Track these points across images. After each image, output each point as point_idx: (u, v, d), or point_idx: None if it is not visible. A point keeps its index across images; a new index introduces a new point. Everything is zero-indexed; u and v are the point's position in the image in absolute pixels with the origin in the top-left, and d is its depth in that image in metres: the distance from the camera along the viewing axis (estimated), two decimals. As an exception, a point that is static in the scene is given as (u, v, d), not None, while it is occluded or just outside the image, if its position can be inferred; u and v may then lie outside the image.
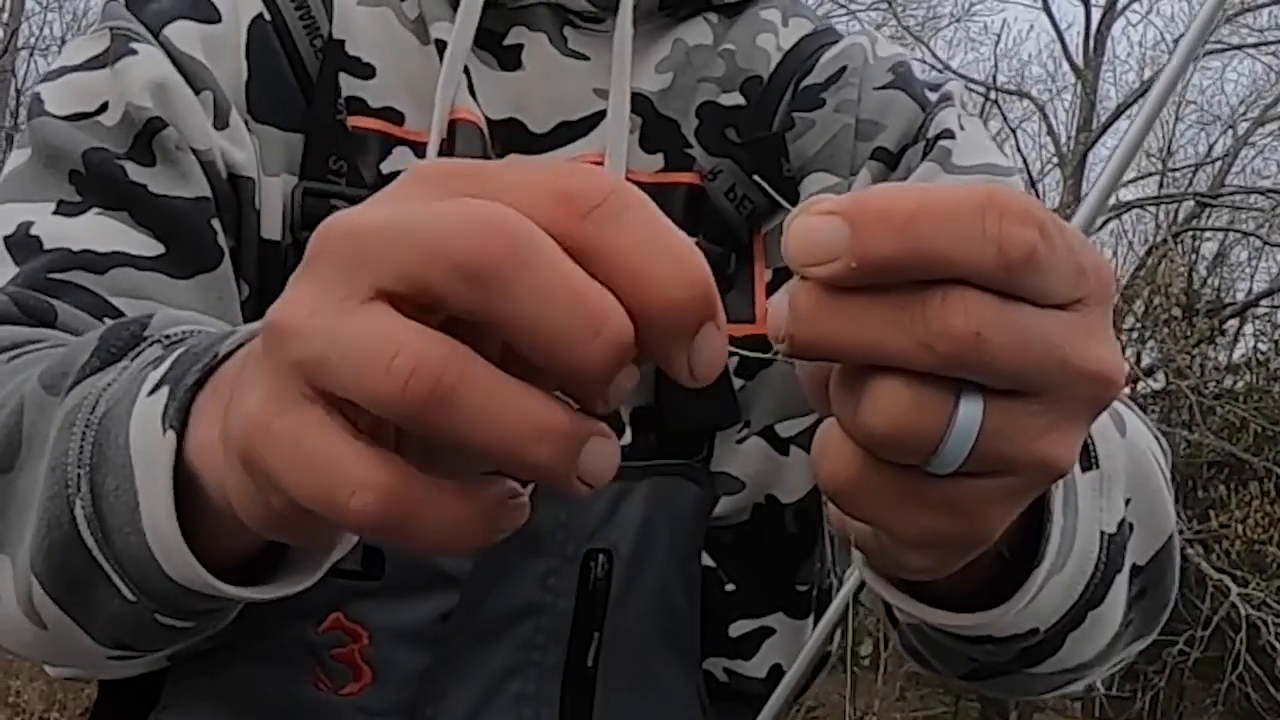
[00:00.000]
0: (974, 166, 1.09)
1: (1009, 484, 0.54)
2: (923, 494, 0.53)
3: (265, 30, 1.08)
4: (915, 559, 0.58)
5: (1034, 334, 0.50)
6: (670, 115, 1.13)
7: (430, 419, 0.47)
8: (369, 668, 1.02)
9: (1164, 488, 0.90)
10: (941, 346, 0.49)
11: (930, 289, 0.49)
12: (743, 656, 1.14)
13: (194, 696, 1.05)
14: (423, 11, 1.12)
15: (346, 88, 1.08)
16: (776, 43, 1.18)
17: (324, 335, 0.48)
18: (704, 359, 0.49)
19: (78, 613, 0.77)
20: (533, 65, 1.12)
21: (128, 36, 1.05)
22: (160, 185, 1.01)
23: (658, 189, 1.11)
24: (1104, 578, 0.81)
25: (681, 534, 1.09)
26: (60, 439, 0.74)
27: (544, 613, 1.04)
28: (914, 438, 0.51)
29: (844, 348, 0.50)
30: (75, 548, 0.73)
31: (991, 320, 0.49)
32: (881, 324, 0.50)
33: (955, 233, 0.48)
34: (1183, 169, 15.36)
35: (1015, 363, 0.50)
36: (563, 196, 0.47)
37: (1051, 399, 0.52)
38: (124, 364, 0.76)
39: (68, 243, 0.97)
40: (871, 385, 0.51)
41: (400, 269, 0.47)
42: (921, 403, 0.50)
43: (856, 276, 0.49)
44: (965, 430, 0.51)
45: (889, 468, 0.53)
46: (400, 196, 0.50)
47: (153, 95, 1.02)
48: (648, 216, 0.48)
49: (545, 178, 0.48)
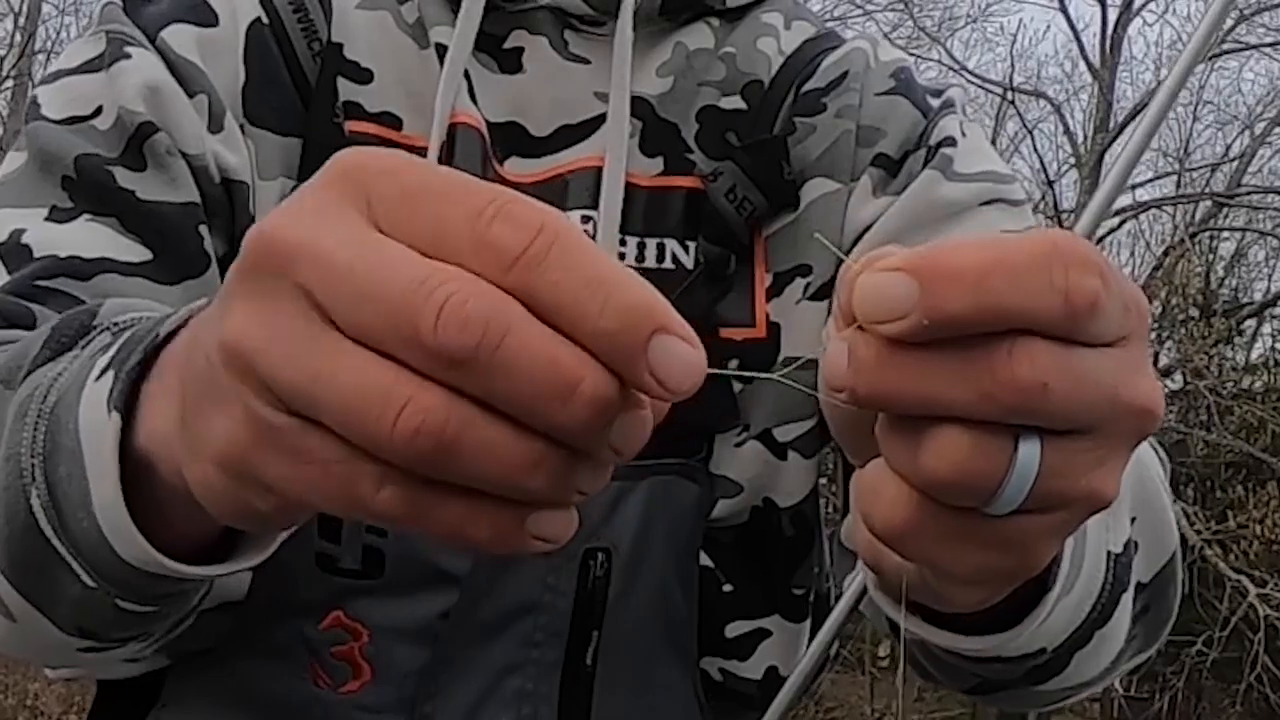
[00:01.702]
0: (975, 174, 1.10)
1: (1060, 518, 0.55)
2: (978, 534, 0.54)
3: (263, 34, 1.08)
4: (964, 594, 0.59)
5: (1091, 376, 0.52)
6: (670, 119, 1.13)
7: (431, 465, 0.49)
8: (368, 665, 1.03)
9: (1168, 505, 0.92)
10: (1006, 399, 0.50)
11: (996, 341, 0.51)
12: (738, 657, 1.14)
13: (194, 694, 1.06)
14: (422, 15, 1.12)
15: (344, 92, 1.09)
16: (778, 46, 1.18)
17: (307, 373, 0.49)
18: (668, 371, 0.49)
19: (41, 601, 0.78)
20: (533, 68, 1.12)
21: (122, 40, 1.05)
22: (149, 191, 1.01)
23: (657, 192, 1.11)
24: (1110, 597, 0.82)
25: (680, 533, 1.09)
26: (14, 430, 0.75)
27: (543, 611, 1.05)
28: (976, 482, 0.52)
29: (906, 400, 0.52)
30: (33, 536, 0.74)
31: (1055, 369, 0.51)
32: (945, 377, 0.51)
33: (1024, 286, 0.50)
34: (1200, 169, 15.30)
35: (1074, 406, 0.52)
36: (487, 248, 0.48)
37: (1101, 435, 0.53)
38: (74, 353, 0.77)
39: (55, 250, 0.98)
40: (931, 432, 0.52)
41: (367, 329, 0.48)
42: (983, 448, 0.51)
43: (927, 333, 0.50)
44: (1025, 472, 0.52)
45: (946, 510, 0.54)
46: (343, 219, 0.50)
47: (145, 100, 1.02)
48: (571, 251, 0.48)
49: (469, 228, 0.48)
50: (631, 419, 0.50)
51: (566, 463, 0.50)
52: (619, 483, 1.06)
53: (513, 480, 0.49)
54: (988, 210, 1.10)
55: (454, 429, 0.48)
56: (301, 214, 0.51)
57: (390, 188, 0.49)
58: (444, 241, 0.48)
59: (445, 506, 0.51)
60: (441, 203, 0.49)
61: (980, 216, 1.09)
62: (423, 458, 0.48)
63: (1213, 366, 11.95)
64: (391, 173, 0.50)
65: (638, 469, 1.07)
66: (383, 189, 0.50)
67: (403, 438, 0.48)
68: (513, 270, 0.47)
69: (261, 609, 0.89)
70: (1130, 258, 15.23)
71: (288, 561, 0.74)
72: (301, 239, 0.50)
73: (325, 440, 0.50)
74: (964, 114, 1.15)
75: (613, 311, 0.47)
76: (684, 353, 0.49)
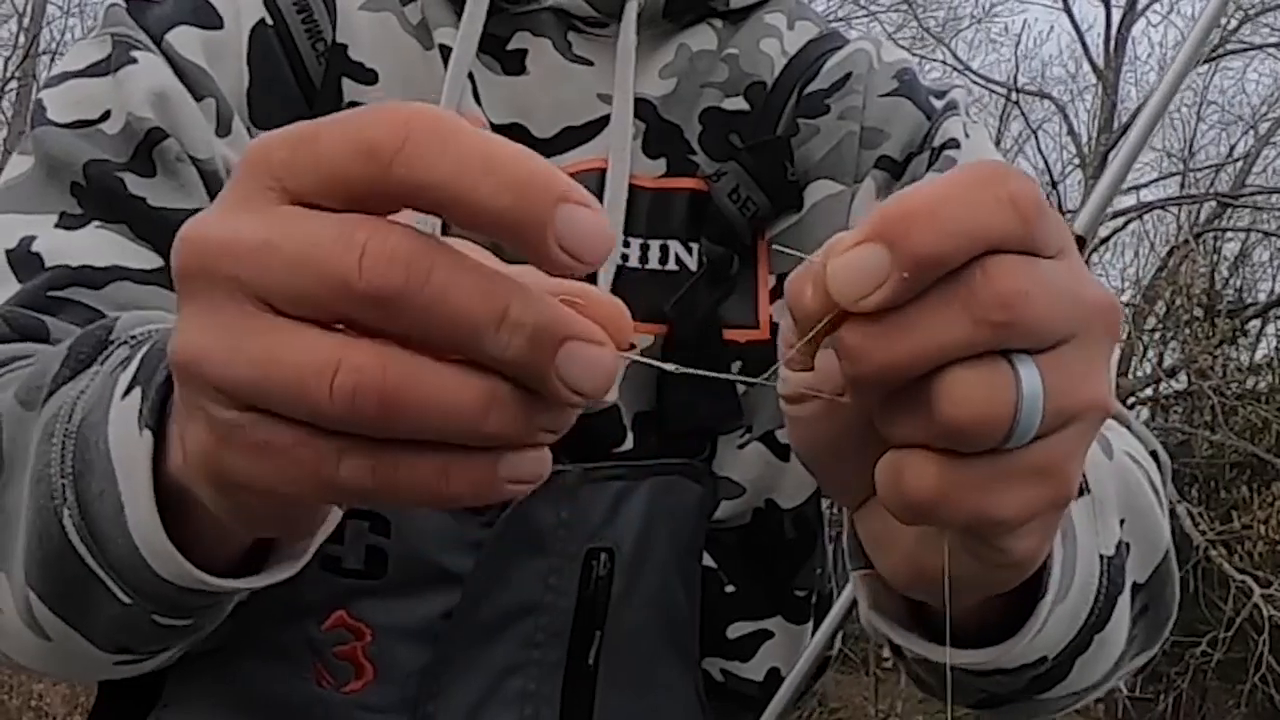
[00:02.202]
0: None
1: (1076, 432, 0.56)
2: (1012, 470, 0.55)
3: (267, 36, 1.08)
4: (1022, 542, 0.58)
5: (1058, 282, 0.53)
6: (673, 120, 1.13)
7: (381, 424, 0.49)
8: (371, 665, 1.03)
9: (1155, 503, 0.92)
10: (997, 315, 0.51)
11: (967, 270, 0.52)
12: (740, 658, 1.14)
13: (195, 694, 1.06)
14: (425, 17, 1.12)
15: (349, 93, 1.09)
16: (781, 47, 1.18)
17: (250, 363, 0.49)
18: (577, 241, 0.48)
19: (78, 621, 0.78)
20: (537, 70, 1.12)
21: (128, 44, 1.05)
22: (160, 198, 1.01)
23: (661, 194, 1.11)
24: (1107, 601, 0.82)
25: (683, 533, 1.09)
26: (41, 451, 0.74)
27: (545, 611, 1.05)
28: (995, 415, 0.52)
29: (907, 360, 0.52)
30: (68, 557, 0.73)
31: (1027, 277, 0.52)
32: (936, 321, 0.52)
33: (977, 205, 0.51)
34: (1204, 169, 15.27)
35: (1054, 313, 0.53)
36: (366, 153, 0.47)
37: (1081, 341, 0.55)
38: (94, 369, 0.76)
39: (67, 259, 0.97)
40: (938, 385, 0.52)
41: (302, 298, 0.48)
42: (990, 381, 0.52)
43: (909, 286, 0.51)
44: (1033, 394, 0.53)
45: (973, 461, 0.54)
46: (254, 204, 0.50)
47: (153, 106, 1.02)
48: (451, 136, 0.47)
49: (345, 138, 0.48)
50: (578, 351, 0.49)
51: (521, 400, 0.50)
52: (621, 483, 1.06)
53: (468, 424, 0.49)
54: None
55: (393, 381, 0.48)
56: (218, 212, 0.51)
57: (288, 153, 0.49)
58: (342, 178, 0.48)
59: (413, 468, 0.50)
60: (329, 141, 0.48)
61: None
62: (369, 418, 0.48)
63: (1217, 367, 11.94)
64: (286, 138, 0.50)
65: (640, 469, 1.07)
66: (283, 158, 0.49)
67: (342, 401, 0.48)
68: (393, 166, 0.47)
69: (264, 609, 0.89)
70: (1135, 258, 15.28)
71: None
72: (219, 234, 0.50)
73: (279, 427, 0.50)
74: (967, 115, 1.14)
75: (508, 187, 0.47)
76: (588, 219, 0.48)
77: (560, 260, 0.47)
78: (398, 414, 0.48)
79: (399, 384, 0.48)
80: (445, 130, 0.47)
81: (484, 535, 1.03)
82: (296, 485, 0.52)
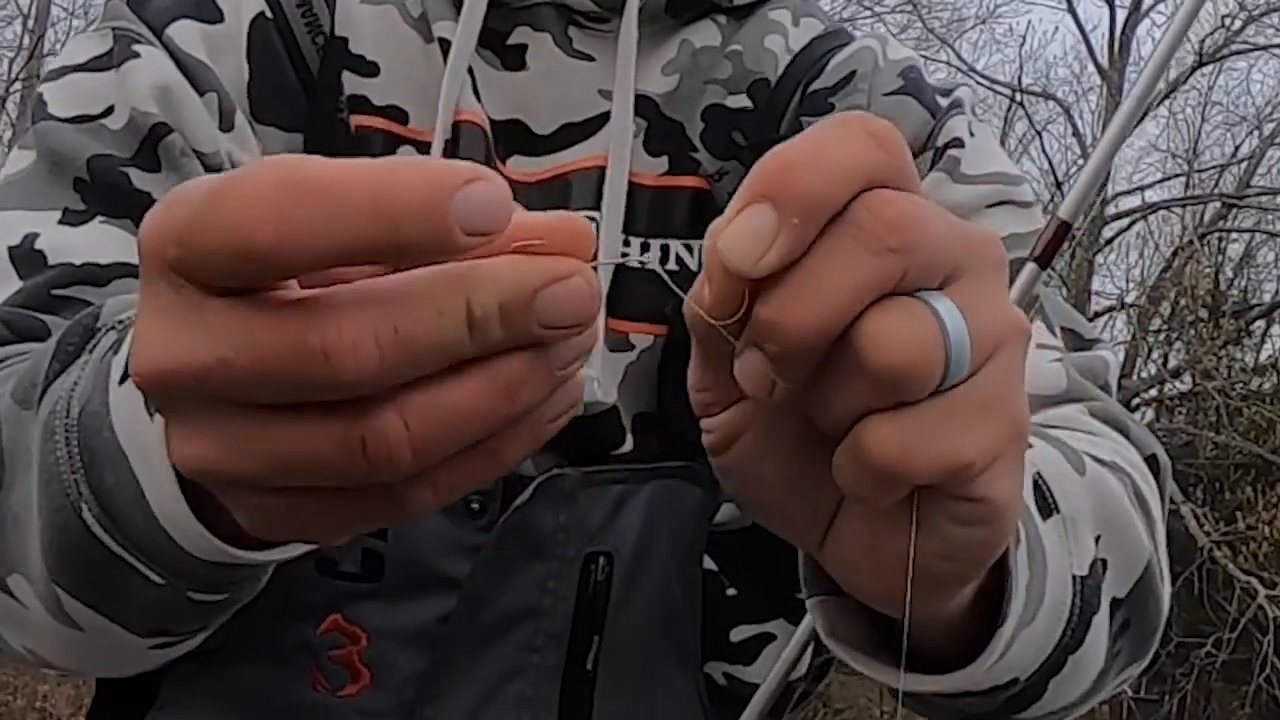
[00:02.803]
0: (983, 175, 1.09)
1: (1006, 359, 0.55)
2: (961, 408, 0.53)
3: (267, 29, 1.07)
4: (996, 485, 0.56)
5: (938, 212, 0.53)
6: (675, 118, 1.12)
7: (424, 464, 0.50)
8: (367, 669, 1.02)
9: (1134, 518, 0.90)
10: (892, 240, 0.51)
11: (850, 209, 0.51)
12: (743, 661, 1.13)
13: (192, 696, 1.05)
14: (426, 9, 1.11)
15: (350, 86, 1.08)
16: (785, 44, 1.16)
17: (260, 459, 0.49)
18: (479, 220, 0.47)
19: (112, 610, 0.78)
20: (536, 66, 1.11)
21: (130, 38, 1.04)
22: (164, 193, 1.00)
23: (662, 193, 1.10)
24: (1081, 620, 0.81)
25: (683, 536, 1.08)
26: (46, 451, 0.74)
27: (543, 615, 1.04)
28: (926, 351, 0.51)
29: (824, 314, 0.51)
30: (95, 550, 0.73)
31: (910, 203, 0.52)
32: (836, 265, 0.51)
33: (846, 142, 0.51)
34: (1209, 170, 15.29)
35: (945, 239, 0.52)
36: (244, 254, 0.46)
37: (976, 272, 0.54)
38: (83, 359, 0.76)
39: (71, 256, 0.97)
40: (863, 339, 0.51)
41: (274, 394, 0.48)
42: (911, 319, 0.51)
43: (801, 233, 0.50)
44: (956, 324, 0.52)
45: (922, 408, 0.53)
46: (179, 311, 0.48)
47: (157, 100, 1.02)
48: (321, 193, 0.46)
49: (222, 239, 0.46)
50: (550, 296, 0.49)
51: (533, 361, 0.50)
52: (621, 486, 1.05)
53: (502, 417, 0.50)
54: (996, 212, 1.08)
55: (419, 427, 0.48)
56: (150, 324, 0.49)
57: (177, 253, 0.47)
58: (236, 275, 0.47)
59: (467, 470, 0.51)
60: (208, 243, 0.47)
61: (988, 219, 1.08)
62: (412, 466, 0.49)
63: (1222, 368, 11.94)
64: (169, 232, 0.48)
65: (640, 472, 1.06)
66: (175, 257, 0.47)
67: (383, 466, 0.48)
68: (278, 257, 0.46)
69: (260, 612, 0.89)
70: (1139, 259, 15.25)
71: (286, 564, 0.74)
72: (168, 361, 0.48)
73: (317, 496, 0.51)
74: (973, 114, 1.13)
75: (400, 222, 0.46)
76: (487, 192, 0.47)
77: (467, 244, 0.47)
78: (436, 450, 0.49)
79: (426, 427, 0.48)
80: (315, 191, 0.46)
81: (482, 539, 1.02)
82: (347, 530, 0.53)
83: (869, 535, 0.59)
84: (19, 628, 0.84)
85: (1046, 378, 1.03)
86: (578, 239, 0.50)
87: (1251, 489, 11.18)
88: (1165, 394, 13.04)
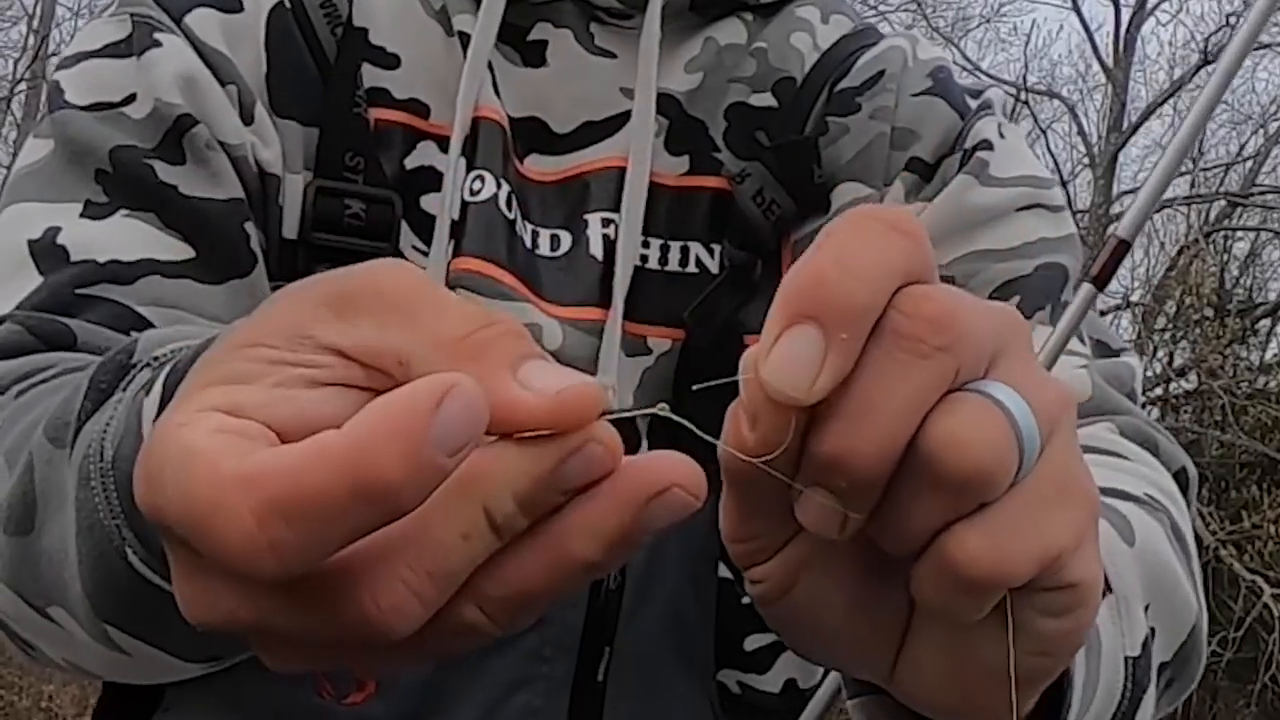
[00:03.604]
0: (1012, 179, 1.07)
1: (1064, 438, 0.52)
2: (1040, 497, 0.50)
3: (285, 19, 1.05)
4: (1081, 568, 0.53)
5: (969, 297, 0.51)
6: (698, 116, 1.10)
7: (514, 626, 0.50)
8: None
9: (1180, 577, 0.88)
10: (938, 340, 0.48)
11: (886, 315, 0.48)
12: (757, 670, 1.10)
13: (197, 699, 1.03)
14: (446, 2, 1.09)
15: (369, 78, 1.06)
16: (813, 42, 1.14)
17: (308, 660, 0.50)
18: (454, 436, 0.44)
19: (161, 641, 0.76)
20: (557, 62, 1.09)
21: (150, 25, 1.02)
22: (191, 186, 0.98)
23: (682, 193, 1.09)
24: (1131, 701, 0.79)
25: (696, 544, 1.06)
26: (83, 500, 0.71)
27: (553, 625, 1.01)
28: (999, 444, 0.48)
29: (893, 436, 0.48)
30: (143, 588, 0.71)
31: (944, 295, 0.49)
32: (887, 377, 0.48)
33: (872, 238, 0.48)
34: (1214, 169, 15.28)
35: (982, 324, 0.50)
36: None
37: (1012, 349, 0.51)
38: (116, 397, 0.73)
39: (94, 253, 0.95)
40: (931, 448, 0.48)
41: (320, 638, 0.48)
42: (975, 414, 0.48)
43: (850, 348, 0.47)
44: (1020, 410, 0.49)
45: (1003, 506, 0.50)
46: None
47: (181, 91, 0.99)
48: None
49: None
50: (574, 465, 0.47)
51: (588, 512, 0.48)
52: None
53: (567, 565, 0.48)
54: (1025, 216, 1.07)
55: (499, 611, 0.48)
56: (185, 588, 0.49)
57: (178, 529, 0.46)
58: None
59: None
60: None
61: (1017, 223, 1.06)
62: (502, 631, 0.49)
63: (1227, 366, 11.94)
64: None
65: None
66: (174, 526, 0.46)
67: (474, 643, 0.49)
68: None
69: None
70: (1144, 258, 15.22)
71: None
72: (213, 622, 0.48)
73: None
74: (1004, 116, 1.11)
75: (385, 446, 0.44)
76: (459, 409, 0.44)
77: (457, 463, 0.45)
78: (522, 619, 0.49)
79: (505, 607, 0.48)
80: (296, 509, 0.44)
81: None
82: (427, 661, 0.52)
83: (951, 652, 0.55)
84: (63, 646, 0.83)
85: (1073, 384, 1.01)
86: (585, 412, 0.47)
87: (1257, 488, 11.17)
88: (1170, 393, 13.03)
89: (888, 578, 0.54)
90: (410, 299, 0.48)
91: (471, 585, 0.47)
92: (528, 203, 1.08)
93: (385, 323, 0.48)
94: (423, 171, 1.05)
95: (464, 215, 1.04)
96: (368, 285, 0.49)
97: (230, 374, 0.48)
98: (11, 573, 0.79)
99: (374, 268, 0.49)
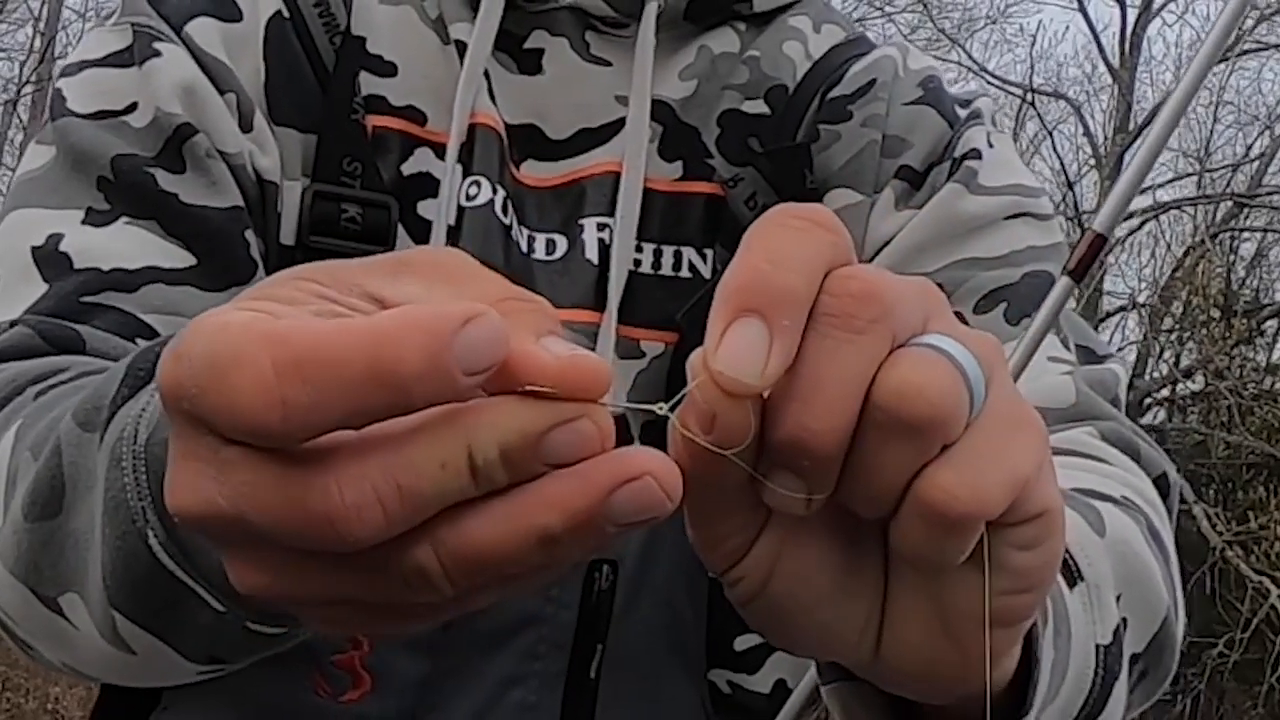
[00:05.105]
0: (1001, 188, 1.08)
1: (1003, 375, 0.55)
2: (1000, 431, 0.53)
3: (284, 28, 1.07)
4: (1048, 494, 0.55)
5: (886, 272, 0.53)
6: (691, 123, 1.12)
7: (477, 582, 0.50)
8: (369, 674, 1.01)
9: (1153, 569, 0.89)
10: (870, 311, 0.50)
11: (823, 288, 0.51)
12: (747, 670, 1.11)
13: (195, 698, 1.04)
14: (442, 11, 1.10)
15: (367, 85, 1.07)
16: (805, 51, 1.16)
17: (333, 597, 0.51)
18: (473, 356, 0.46)
19: (168, 634, 0.77)
20: (553, 70, 1.11)
21: (151, 35, 1.03)
22: (191, 194, 1.00)
23: (676, 198, 1.10)
24: (1102, 689, 0.80)
25: (688, 544, 1.06)
26: (113, 479, 0.72)
27: (546, 623, 1.03)
28: (955, 386, 0.51)
29: (846, 409, 0.50)
30: (159, 575, 0.72)
31: (866, 272, 0.52)
32: (834, 357, 0.50)
33: (796, 233, 0.52)
34: (1220, 169, 15.23)
35: (906, 294, 0.52)
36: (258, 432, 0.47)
37: (938, 311, 0.54)
38: (152, 384, 0.74)
39: (97, 261, 0.96)
40: (884, 399, 0.50)
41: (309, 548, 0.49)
42: (924, 363, 0.51)
43: (793, 332, 0.50)
44: (964, 355, 0.52)
45: (968, 443, 0.52)
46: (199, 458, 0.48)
47: (181, 100, 1.01)
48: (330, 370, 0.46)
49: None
50: (560, 438, 0.48)
51: (558, 484, 0.48)
52: None
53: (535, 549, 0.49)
54: (1013, 224, 1.08)
55: (454, 564, 0.48)
56: (177, 470, 0.49)
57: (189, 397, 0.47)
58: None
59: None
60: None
61: (1005, 231, 1.08)
62: (460, 589, 0.49)
63: (1234, 367, 11.92)
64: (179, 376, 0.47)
65: None
66: (187, 399, 0.47)
67: (430, 593, 0.49)
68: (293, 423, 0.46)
69: None
70: (1151, 259, 15.21)
71: None
72: (197, 508, 0.48)
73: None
74: (993, 125, 1.13)
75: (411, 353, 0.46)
76: (476, 341, 0.46)
77: (469, 385, 0.46)
78: (476, 580, 0.49)
79: (459, 560, 0.48)
80: (314, 369, 0.45)
81: None
82: (413, 627, 0.53)
83: (933, 603, 0.57)
84: (63, 646, 0.83)
85: (1056, 390, 1.03)
86: (592, 384, 0.49)
87: (1264, 489, 11.14)
88: (1177, 394, 13.01)
89: (859, 548, 0.56)
90: (461, 272, 0.51)
91: (432, 527, 0.48)
92: (524, 208, 1.09)
93: (432, 285, 0.50)
94: (419, 178, 1.07)
95: (460, 220, 1.05)
96: (427, 257, 0.52)
97: (276, 294, 0.50)
98: (26, 563, 0.80)
99: (433, 248, 0.51)
